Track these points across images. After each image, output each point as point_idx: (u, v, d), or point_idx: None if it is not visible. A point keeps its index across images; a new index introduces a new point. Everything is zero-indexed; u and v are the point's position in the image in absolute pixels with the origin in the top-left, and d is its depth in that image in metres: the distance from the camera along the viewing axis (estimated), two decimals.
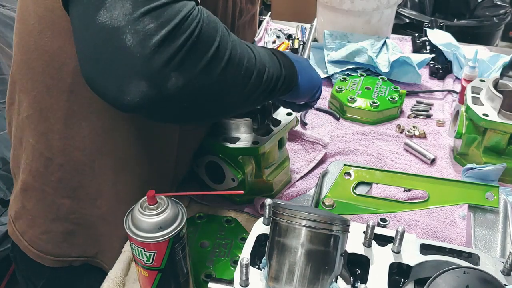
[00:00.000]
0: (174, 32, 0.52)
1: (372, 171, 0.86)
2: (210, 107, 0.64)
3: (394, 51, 1.45)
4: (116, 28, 0.51)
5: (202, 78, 0.57)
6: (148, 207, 0.63)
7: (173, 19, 0.52)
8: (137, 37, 0.51)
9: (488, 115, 0.99)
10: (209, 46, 0.56)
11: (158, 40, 0.51)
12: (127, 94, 0.53)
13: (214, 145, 0.89)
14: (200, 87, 0.57)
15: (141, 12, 0.51)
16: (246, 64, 0.64)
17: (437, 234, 0.90)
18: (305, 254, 0.57)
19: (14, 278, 1.93)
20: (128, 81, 0.52)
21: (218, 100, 0.63)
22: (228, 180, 0.90)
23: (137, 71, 0.52)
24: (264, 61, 0.69)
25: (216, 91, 0.61)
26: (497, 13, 2.65)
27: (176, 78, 0.53)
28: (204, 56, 0.56)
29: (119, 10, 0.51)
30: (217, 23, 0.59)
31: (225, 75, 0.60)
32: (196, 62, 0.55)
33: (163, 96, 0.54)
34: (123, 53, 0.51)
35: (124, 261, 0.82)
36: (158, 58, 0.51)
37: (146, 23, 0.51)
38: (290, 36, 1.68)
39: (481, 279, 0.55)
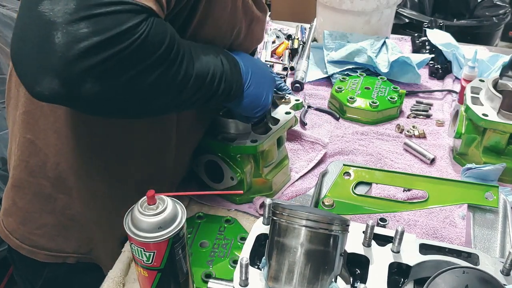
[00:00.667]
0: (106, 43, 0.52)
1: (371, 171, 0.86)
2: (134, 108, 0.64)
3: (393, 51, 1.45)
4: (51, 22, 0.51)
5: (123, 89, 0.57)
6: (148, 207, 0.63)
7: (110, 30, 0.52)
8: (67, 38, 0.51)
9: (488, 115, 0.99)
10: (140, 62, 0.56)
11: (85, 46, 0.51)
12: (38, 85, 0.53)
13: (213, 144, 0.89)
14: (120, 95, 0.58)
15: (82, 15, 0.51)
16: (181, 79, 0.63)
17: (437, 234, 0.90)
18: (305, 254, 0.57)
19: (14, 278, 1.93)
20: (43, 74, 0.53)
21: (143, 105, 0.63)
22: (227, 179, 0.90)
23: (54, 69, 0.52)
24: (203, 71, 0.68)
25: (139, 99, 0.61)
26: (497, 13, 2.65)
27: (92, 84, 0.54)
28: (130, 70, 0.56)
29: (62, 6, 0.51)
30: (164, 38, 0.59)
31: (152, 87, 0.60)
32: (120, 75, 0.55)
33: (73, 97, 0.54)
34: (48, 48, 0.51)
35: (124, 261, 0.82)
36: (79, 63, 0.52)
37: (81, 27, 0.51)
38: (290, 36, 1.68)
39: (481, 279, 0.55)
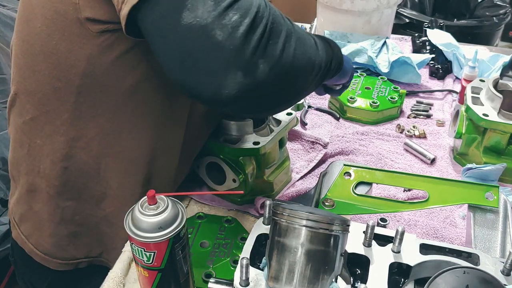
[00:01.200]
0: (255, 21, 0.55)
1: (372, 171, 0.86)
2: (287, 91, 0.65)
3: (394, 51, 1.45)
4: (204, 26, 0.53)
5: (281, 61, 0.58)
6: (148, 207, 0.63)
7: (250, 9, 0.55)
8: (226, 30, 0.53)
9: (488, 115, 0.99)
10: (280, 30, 0.59)
11: (244, 30, 0.54)
12: (224, 88, 0.55)
13: (215, 146, 0.89)
14: (281, 71, 0.59)
15: (224, 6, 0.53)
16: (309, 49, 0.65)
17: (437, 234, 0.90)
18: (305, 254, 0.57)
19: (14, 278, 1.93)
20: (225, 74, 0.54)
21: (293, 84, 0.65)
22: (229, 181, 0.90)
23: (233, 63, 0.54)
24: (320, 46, 0.70)
25: (291, 74, 0.62)
26: (497, 13, 2.65)
27: (263, 65, 0.56)
28: (279, 39, 0.58)
29: (202, 8, 0.53)
30: (276, 9, 0.61)
31: (296, 57, 0.61)
32: (275, 47, 0.57)
33: (256, 84, 0.56)
34: (217, 48, 0.53)
35: (124, 261, 0.82)
36: (247, 47, 0.54)
37: (230, 16, 0.53)
38: None
39: (481, 279, 0.55)
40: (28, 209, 0.91)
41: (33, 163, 0.85)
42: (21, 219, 0.94)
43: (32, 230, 0.92)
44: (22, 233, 0.94)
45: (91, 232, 0.90)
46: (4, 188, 1.77)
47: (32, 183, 0.87)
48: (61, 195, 0.85)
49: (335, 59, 0.77)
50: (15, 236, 0.96)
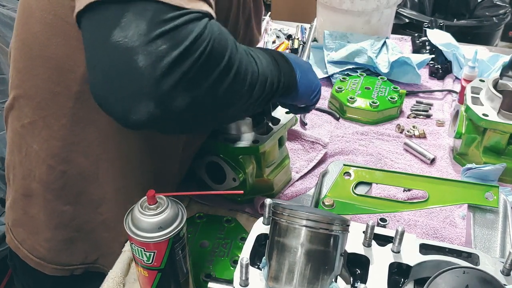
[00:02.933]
0: (184, 54, 0.53)
1: (372, 171, 0.86)
2: (212, 119, 0.65)
3: (394, 51, 1.45)
4: (130, 48, 0.51)
5: (207, 95, 0.57)
6: (148, 207, 0.63)
7: (184, 41, 0.52)
8: (150, 58, 0.51)
9: (488, 115, 0.99)
10: (217, 65, 0.57)
11: (168, 62, 0.52)
12: (134, 114, 0.53)
13: (215, 145, 0.89)
14: (205, 104, 0.58)
15: (156, 33, 0.51)
16: (250, 79, 0.64)
17: (437, 234, 0.90)
18: (305, 254, 0.57)
19: None
20: (137, 101, 0.53)
21: (221, 113, 0.64)
22: (229, 180, 0.90)
23: (147, 92, 0.52)
24: (266, 72, 0.69)
25: (220, 106, 0.62)
26: (497, 13, 2.65)
27: (182, 97, 0.54)
28: (211, 75, 0.56)
29: (134, 30, 0.51)
30: (227, 39, 0.60)
31: (229, 91, 0.60)
32: (203, 82, 0.56)
33: (168, 115, 0.55)
34: (134, 74, 0.52)
35: (124, 261, 0.82)
36: (167, 80, 0.52)
37: (159, 44, 0.51)
38: (290, 36, 1.68)
39: (481, 279, 0.55)
40: (22, 214, 0.89)
41: (29, 167, 0.84)
42: (14, 224, 0.93)
43: (27, 235, 0.91)
44: (15, 238, 0.93)
45: (87, 237, 0.90)
46: (4, 188, 1.77)
47: (28, 188, 0.86)
48: (58, 199, 0.85)
49: (284, 84, 0.75)
50: (8, 240, 0.95)
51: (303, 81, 0.81)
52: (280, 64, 0.75)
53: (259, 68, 0.67)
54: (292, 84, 0.79)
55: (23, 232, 0.91)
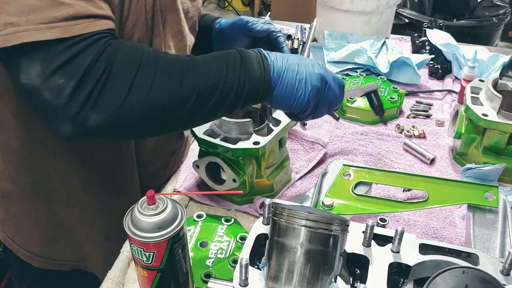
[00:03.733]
0: (81, 82, 0.60)
1: (371, 171, 0.86)
2: (147, 129, 0.69)
3: (393, 51, 1.45)
4: (35, 87, 0.60)
5: (125, 110, 0.62)
6: (148, 207, 0.63)
7: (78, 71, 0.59)
8: (51, 93, 0.60)
9: (488, 115, 0.99)
10: (124, 83, 0.62)
11: (68, 92, 0.59)
12: (61, 133, 0.63)
13: (215, 146, 0.89)
14: (126, 116, 0.63)
15: (51, 71, 0.59)
16: (178, 89, 0.65)
17: (437, 234, 0.90)
18: (305, 254, 0.57)
19: None
20: (56, 124, 0.62)
21: (153, 123, 0.68)
22: (230, 181, 0.90)
23: (59, 118, 0.61)
24: (210, 80, 0.68)
25: (147, 117, 0.65)
26: (497, 13, 2.65)
27: (95, 115, 0.61)
28: (119, 92, 0.62)
29: (32, 71, 0.59)
30: (136, 55, 0.63)
31: (150, 103, 0.64)
32: (112, 99, 0.61)
33: (89, 130, 0.62)
34: (46, 106, 0.61)
35: (123, 261, 0.82)
36: (72, 106, 0.60)
37: (56, 79, 0.59)
38: (290, 36, 1.68)
39: (480, 279, 0.55)
40: (6, 213, 0.94)
41: (1, 169, 0.89)
42: (2, 223, 0.98)
43: (15, 231, 0.96)
44: (7, 235, 0.98)
45: (67, 236, 0.93)
46: None
47: (4, 189, 0.91)
48: (32, 197, 0.89)
49: (247, 92, 0.71)
50: (3, 238, 0.99)
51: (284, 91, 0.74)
52: (243, 70, 0.71)
53: (193, 77, 0.67)
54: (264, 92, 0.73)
55: (12, 229, 0.96)
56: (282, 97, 0.74)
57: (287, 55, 0.77)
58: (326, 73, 0.78)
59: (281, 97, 0.75)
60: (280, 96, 0.74)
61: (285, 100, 0.75)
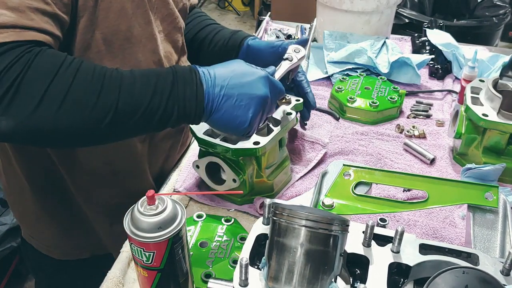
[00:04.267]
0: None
1: (371, 171, 0.86)
2: (61, 140, 0.68)
3: (393, 51, 1.45)
4: None
5: (35, 119, 0.62)
6: (148, 207, 0.63)
7: None
8: None
9: (488, 115, 0.99)
10: (36, 91, 0.61)
11: None
12: None
13: (215, 146, 0.89)
14: (37, 125, 0.62)
15: None
16: (94, 104, 0.65)
17: (437, 234, 0.90)
18: (305, 254, 0.57)
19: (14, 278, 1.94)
20: None
21: (67, 135, 0.66)
22: (229, 181, 0.90)
23: None
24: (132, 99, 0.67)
25: (59, 130, 0.64)
26: (497, 13, 2.65)
27: (6, 121, 0.61)
28: (30, 100, 0.61)
29: None
30: (54, 64, 0.63)
31: (62, 116, 0.63)
32: (23, 106, 0.61)
33: (4, 136, 0.62)
34: None
35: (123, 261, 0.82)
36: None
37: None
38: (290, 36, 1.68)
39: (481, 279, 0.55)
40: (23, 209, 0.98)
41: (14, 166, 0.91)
42: (21, 219, 1.02)
43: (33, 226, 0.99)
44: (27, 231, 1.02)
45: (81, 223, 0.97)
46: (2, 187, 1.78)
47: (20, 186, 0.94)
48: (44, 191, 0.92)
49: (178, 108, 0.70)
50: (23, 233, 1.04)
51: (222, 117, 0.73)
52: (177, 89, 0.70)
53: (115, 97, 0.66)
54: (196, 116, 0.72)
55: (30, 225, 1.00)
56: (218, 123, 0.74)
57: (229, 71, 0.74)
58: (270, 88, 0.76)
59: (218, 124, 0.74)
60: (217, 123, 0.74)
61: (223, 126, 0.75)
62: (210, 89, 0.71)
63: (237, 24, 4.54)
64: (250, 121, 0.75)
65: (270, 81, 0.77)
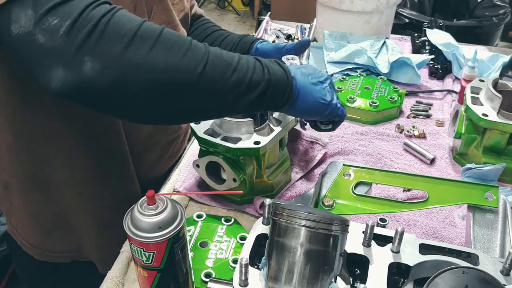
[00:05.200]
0: (79, 22, 0.57)
1: (371, 171, 0.86)
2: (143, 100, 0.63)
3: (393, 51, 1.45)
4: (28, 34, 0.57)
5: (123, 62, 0.59)
6: (148, 207, 0.63)
7: (75, 11, 0.57)
8: (46, 34, 0.57)
9: (488, 115, 0.99)
10: (123, 33, 0.59)
11: (64, 31, 0.56)
12: (51, 82, 0.59)
13: (215, 145, 0.89)
14: (124, 71, 0.59)
15: (42, 12, 0.57)
16: (183, 56, 0.62)
17: (437, 234, 0.90)
18: (304, 254, 0.57)
19: (14, 278, 1.94)
20: (49, 71, 0.58)
21: (152, 93, 0.62)
22: (230, 181, 0.90)
23: (53, 61, 0.58)
24: (241, 64, 0.67)
25: (147, 80, 0.61)
26: (497, 13, 2.65)
27: (91, 62, 0.58)
28: (118, 41, 0.59)
29: (24, 18, 0.57)
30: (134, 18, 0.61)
31: (152, 63, 0.60)
32: (110, 48, 0.58)
33: (82, 79, 0.58)
34: (40, 51, 0.58)
35: (123, 261, 0.82)
36: (68, 46, 0.57)
37: (50, 20, 0.57)
38: (290, 36, 1.68)
39: (480, 279, 0.55)
40: (9, 204, 0.96)
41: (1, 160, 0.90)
42: (7, 214, 1.01)
43: (18, 222, 0.98)
44: (12, 226, 1.00)
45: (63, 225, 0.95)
46: None
47: (5, 180, 0.92)
48: (27, 188, 0.90)
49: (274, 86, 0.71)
50: (9, 229, 1.02)
51: (306, 94, 0.77)
52: (266, 64, 0.72)
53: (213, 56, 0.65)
54: (285, 90, 0.74)
55: (15, 220, 0.99)
56: (306, 102, 0.77)
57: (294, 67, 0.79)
58: None
59: (306, 103, 0.77)
60: (305, 101, 0.77)
61: (310, 106, 0.78)
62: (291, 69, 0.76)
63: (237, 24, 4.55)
64: (333, 96, 0.82)
65: None
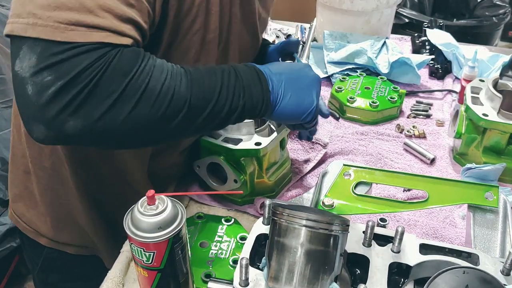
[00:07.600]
0: (69, 84, 0.58)
1: (371, 171, 0.86)
2: (127, 141, 0.67)
3: (394, 51, 1.45)
4: (22, 78, 0.58)
5: (105, 121, 0.61)
6: (148, 207, 0.63)
7: (70, 73, 0.58)
8: (36, 88, 0.57)
9: (488, 115, 0.99)
10: (110, 93, 0.60)
11: (53, 91, 0.57)
12: (34, 133, 0.61)
13: (216, 146, 0.89)
14: (107, 126, 0.61)
15: (42, 66, 0.57)
16: (169, 102, 0.64)
17: (437, 234, 0.90)
18: (305, 254, 0.57)
19: (14, 278, 1.94)
20: (31, 123, 0.60)
21: (135, 135, 0.66)
22: (230, 182, 0.90)
23: (35, 117, 0.59)
24: (203, 95, 0.67)
25: (129, 130, 0.64)
26: (497, 13, 2.65)
27: (74, 121, 0.59)
28: (103, 102, 0.60)
29: (27, 62, 0.58)
30: (133, 62, 0.61)
31: (134, 119, 0.62)
32: (94, 108, 0.60)
33: (64, 136, 0.60)
34: (25, 101, 0.59)
35: (123, 261, 0.82)
36: (53, 107, 0.58)
37: (45, 76, 0.57)
38: (290, 36, 1.68)
39: (481, 279, 0.55)
40: (23, 189, 0.97)
41: (25, 147, 0.91)
42: (14, 199, 1.01)
43: (26, 209, 0.99)
44: (15, 213, 1.01)
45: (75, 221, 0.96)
46: (3, 188, 1.77)
47: (27, 165, 0.93)
48: (49, 178, 0.91)
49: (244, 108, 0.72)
50: (10, 215, 1.03)
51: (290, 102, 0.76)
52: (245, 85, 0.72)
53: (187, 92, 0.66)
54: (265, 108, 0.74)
55: (23, 207, 0.99)
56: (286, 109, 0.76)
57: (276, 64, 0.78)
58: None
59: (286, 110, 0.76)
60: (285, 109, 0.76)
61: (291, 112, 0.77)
62: (272, 76, 0.75)
63: None
64: (316, 100, 0.78)
65: None
